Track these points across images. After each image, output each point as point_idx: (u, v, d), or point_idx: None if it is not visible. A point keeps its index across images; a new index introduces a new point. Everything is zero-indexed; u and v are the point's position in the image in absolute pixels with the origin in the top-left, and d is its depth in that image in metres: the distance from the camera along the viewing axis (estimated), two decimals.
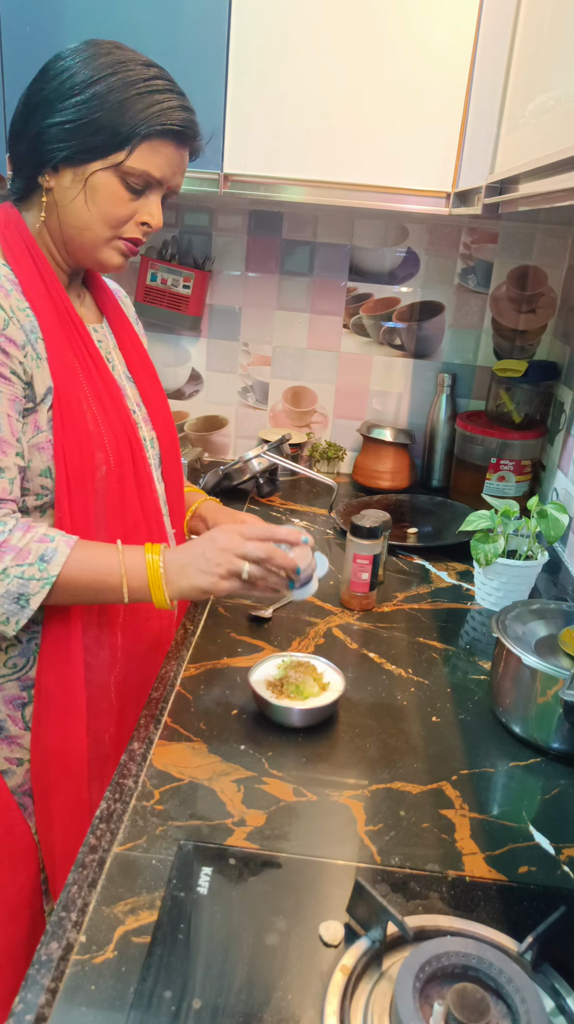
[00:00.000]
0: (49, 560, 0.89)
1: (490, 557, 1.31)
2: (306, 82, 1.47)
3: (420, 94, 1.45)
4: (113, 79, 0.90)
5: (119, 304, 1.16)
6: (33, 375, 0.92)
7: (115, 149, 0.92)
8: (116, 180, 0.93)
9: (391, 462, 1.95)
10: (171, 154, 0.96)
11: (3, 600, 0.88)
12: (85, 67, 0.91)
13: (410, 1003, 0.59)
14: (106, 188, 0.93)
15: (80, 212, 0.94)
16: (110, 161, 0.92)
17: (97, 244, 0.97)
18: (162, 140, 0.94)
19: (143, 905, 0.73)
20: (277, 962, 0.68)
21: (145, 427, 1.09)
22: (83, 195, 0.93)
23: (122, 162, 0.92)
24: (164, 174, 0.96)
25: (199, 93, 1.48)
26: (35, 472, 0.94)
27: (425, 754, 0.99)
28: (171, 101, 0.93)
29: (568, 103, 0.72)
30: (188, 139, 0.97)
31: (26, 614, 0.89)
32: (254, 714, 1.03)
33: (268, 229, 1.96)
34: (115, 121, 0.91)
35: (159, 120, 0.92)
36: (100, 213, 0.94)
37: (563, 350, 1.84)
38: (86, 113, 0.90)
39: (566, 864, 0.84)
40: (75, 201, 0.94)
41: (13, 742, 1.01)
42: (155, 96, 0.92)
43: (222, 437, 2.16)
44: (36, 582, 0.88)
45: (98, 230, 0.96)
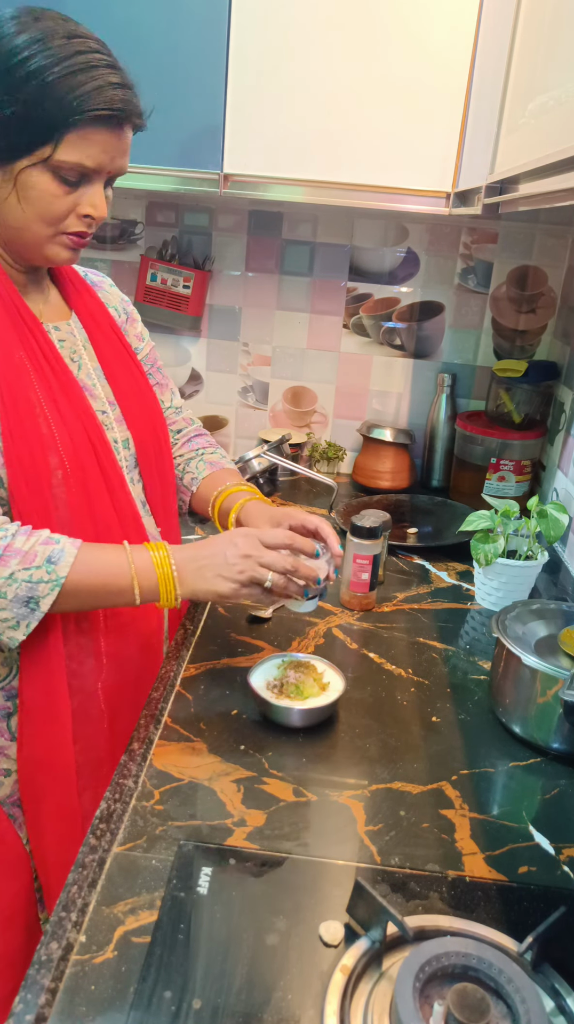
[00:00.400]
0: (56, 561, 0.87)
1: (490, 557, 1.31)
2: (306, 82, 1.47)
3: (420, 94, 1.45)
4: (31, 63, 0.80)
5: (95, 296, 1.09)
6: None
7: (38, 144, 0.83)
8: (47, 176, 0.85)
9: (391, 462, 1.95)
10: (105, 140, 0.86)
11: (12, 604, 0.85)
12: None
13: (410, 1003, 0.59)
14: (37, 186, 0.85)
15: (14, 212, 0.88)
16: (36, 157, 0.84)
17: (39, 242, 0.91)
18: (92, 127, 0.84)
19: (143, 905, 0.73)
20: (277, 962, 0.68)
21: (117, 428, 1.04)
22: (15, 194, 0.86)
23: (49, 157, 0.84)
24: (100, 162, 0.87)
25: (199, 93, 1.50)
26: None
27: (425, 754, 0.99)
28: (97, 80, 0.82)
29: (568, 103, 0.72)
30: (123, 120, 0.87)
31: (36, 617, 0.87)
32: (254, 714, 1.03)
33: (268, 229, 1.96)
34: (35, 114, 0.81)
35: (85, 106, 0.82)
36: (35, 212, 0.87)
37: (563, 350, 1.84)
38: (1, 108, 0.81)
39: (566, 864, 0.84)
40: (7, 201, 0.87)
41: (1, 753, 0.98)
42: (79, 77, 0.81)
43: (222, 437, 2.16)
44: (45, 584, 0.86)
45: (37, 229, 0.89)
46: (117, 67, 0.86)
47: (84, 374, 1.02)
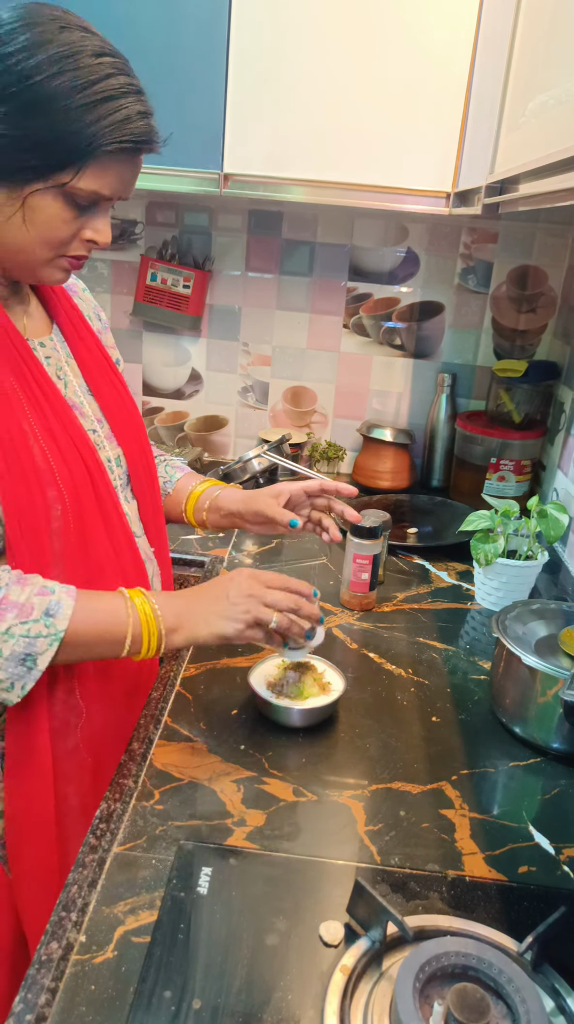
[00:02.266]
0: (54, 615, 0.80)
1: (490, 557, 1.31)
2: (306, 82, 1.47)
3: (420, 94, 1.45)
4: (56, 81, 0.74)
5: (73, 304, 1.03)
6: None
7: (58, 170, 0.77)
8: (59, 201, 0.80)
9: (391, 462, 1.95)
10: (123, 169, 0.82)
11: (8, 664, 0.78)
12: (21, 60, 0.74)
13: (410, 1003, 0.59)
14: (46, 210, 0.80)
15: (16, 233, 0.81)
16: (52, 182, 0.78)
17: (36, 265, 0.85)
18: (114, 158, 0.80)
19: (143, 905, 0.73)
20: (277, 962, 0.68)
21: (108, 446, 0.99)
22: (20, 215, 0.80)
23: (67, 184, 0.78)
24: (115, 190, 0.82)
25: (199, 93, 1.50)
26: None
27: (425, 754, 0.99)
28: (126, 109, 0.78)
29: (568, 103, 0.72)
30: (146, 150, 0.83)
31: (33, 676, 0.80)
32: (254, 714, 1.03)
33: (268, 229, 1.96)
34: (58, 139, 0.76)
35: (113, 137, 0.77)
36: (39, 235, 0.81)
37: (563, 350, 1.84)
38: (20, 128, 0.75)
39: (566, 864, 0.84)
40: (11, 221, 0.80)
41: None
42: (108, 105, 0.76)
43: (222, 437, 2.16)
44: (43, 639, 0.80)
45: (38, 252, 0.83)
46: (141, 92, 0.81)
47: (71, 392, 0.96)
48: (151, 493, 1.07)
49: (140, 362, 2.10)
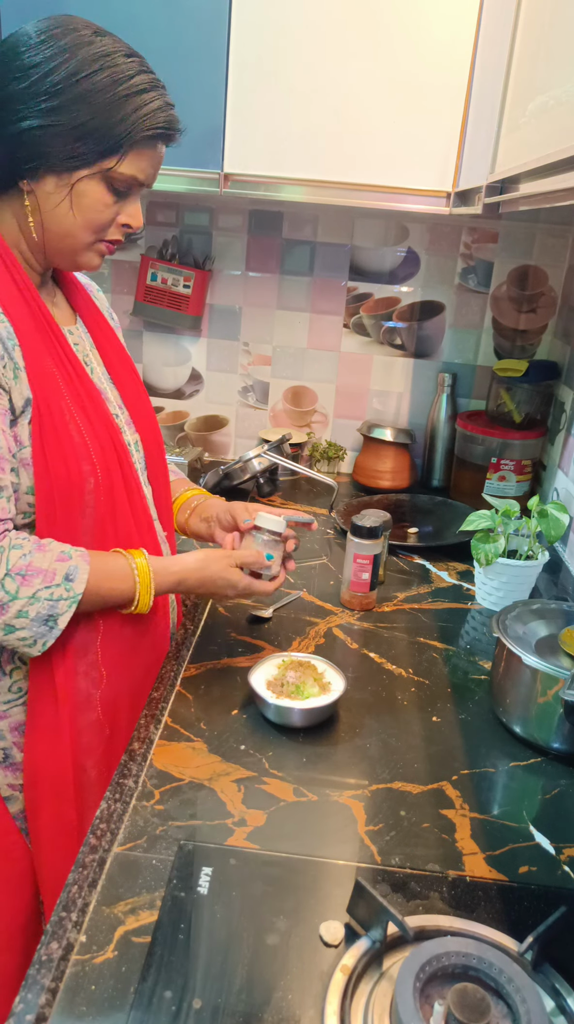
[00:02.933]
0: (73, 578, 0.89)
1: (490, 557, 1.31)
2: (306, 82, 1.47)
3: (421, 94, 1.45)
4: (99, 77, 0.84)
5: (92, 300, 1.10)
6: (11, 386, 0.87)
7: (104, 156, 0.87)
8: (102, 186, 0.89)
9: (391, 462, 1.95)
10: (154, 155, 0.92)
11: (33, 624, 0.87)
12: (66, 61, 0.83)
13: (410, 1003, 0.59)
14: (92, 194, 0.89)
15: (64, 219, 0.90)
16: (98, 168, 0.87)
17: (78, 249, 0.93)
18: (149, 144, 0.90)
19: (143, 905, 0.73)
20: (277, 962, 0.68)
21: (128, 431, 1.05)
22: (68, 201, 0.88)
23: (111, 168, 0.88)
24: (148, 175, 0.92)
25: (199, 93, 1.49)
26: (22, 490, 0.90)
27: (425, 754, 0.99)
28: (157, 100, 0.88)
29: (568, 103, 0.72)
30: (172, 137, 0.93)
31: (53, 635, 0.89)
32: (254, 714, 1.03)
33: (268, 229, 1.96)
34: (104, 126, 0.85)
35: (149, 124, 0.87)
36: (84, 219, 0.90)
37: (563, 350, 1.84)
38: (71, 117, 0.84)
39: (566, 864, 0.84)
40: (59, 208, 0.89)
41: (17, 768, 0.99)
42: (143, 96, 0.86)
43: (222, 437, 2.16)
44: (64, 602, 0.88)
45: (81, 236, 0.92)
46: (164, 87, 0.91)
47: (96, 378, 1.02)
48: (164, 480, 1.14)
49: (140, 362, 2.10)
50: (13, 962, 1.00)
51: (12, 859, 0.99)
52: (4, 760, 0.98)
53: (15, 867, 0.99)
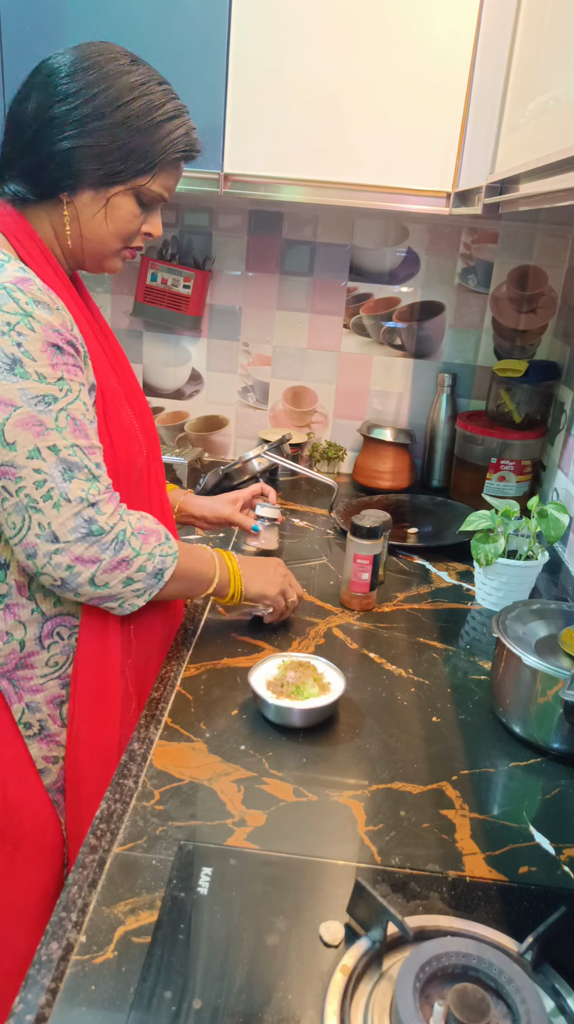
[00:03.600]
0: (169, 539, 1.00)
1: (490, 557, 1.31)
2: (306, 82, 1.47)
3: (420, 94, 1.45)
4: (137, 104, 0.93)
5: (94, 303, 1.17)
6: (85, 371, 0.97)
7: (140, 175, 0.96)
8: (132, 200, 0.98)
9: (391, 462, 1.95)
10: (178, 174, 1.02)
11: (147, 577, 0.97)
12: (108, 87, 0.92)
13: (410, 1003, 0.59)
14: (124, 207, 0.98)
15: (98, 229, 0.99)
16: (131, 184, 0.97)
17: (107, 254, 1.02)
18: (176, 164, 1.00)
19: (143, 905, 0.73)
20: (277, 962, 0.68)
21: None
22: (103, 213, 0.98)
23: (144, 185, 0.97)
24: (172, 191, 1.03)
25: (199, 93, 1.49)
26: None
27: (425, 754, 0.99)
28: (185, 125, 0.98)
29: (568, 103, 0.72)
30: (194, 158, 1.03)
31: (159, 587, 0.99)
32: (254, 714, 1.03)
33: (268, 229, 1.96)
34: (141, 147, 0.94)
35: (179, 146, 0.97)
36: (116, 229, 0.99)
37: (563, 350, 1.84)
38: (112, 139, 0.93)
39: (566, 864, 0.84)
40: (95, 218, 0.98)
41: (52, 740, 1.03)
42: (174, 122, 0.96)
43: (222, 437, 2.16)
44: (169, 557, 0.99)
45: (111, 244, 1.01)
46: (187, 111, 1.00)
47: None
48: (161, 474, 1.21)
49: (140, 362, 2.10)
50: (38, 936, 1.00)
51: (46, 832, 1.02)
52: (40, 732, 1.02)
53: (48, 839, 1.02)
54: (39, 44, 1.45)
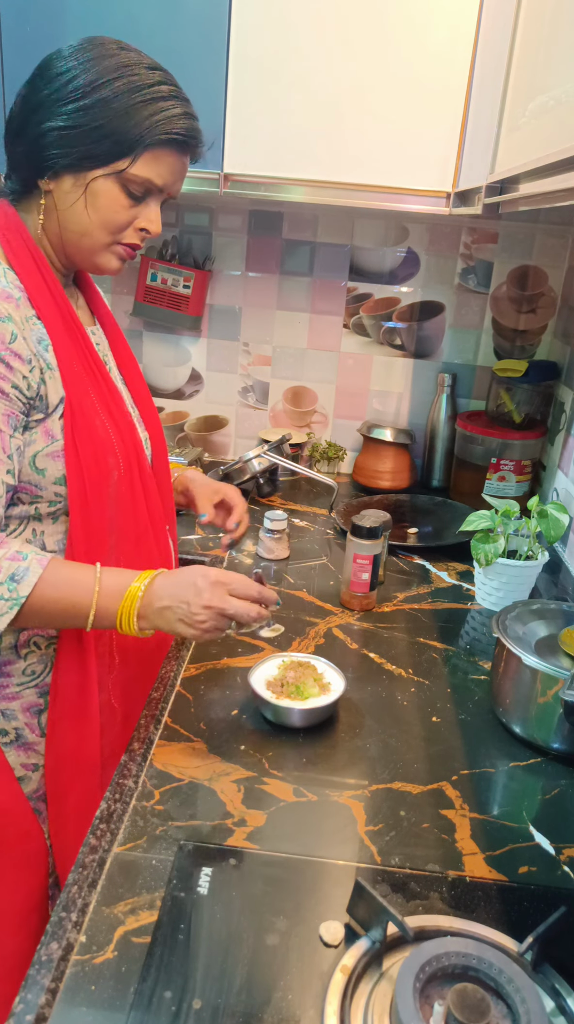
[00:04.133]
0: (19, 580, 0.84)
1: (490, 557, 1.31)
2: (306, 82, 1.47)
3: (420, 94, 1.45)
4: (118, 84, 0.89)
5: (105, 304, 1.15)
6: (45, 386, 0.91)
7: (118, 157, 0.90)
8: (117, 187, 0.92)
9: (391, 462, 1.95)
10: (173, 162, 0.95)
11: None
12: (88, 69, 0.88)
13: (410, 1003, 0.59)
14: (107, 195, 0.92)
15: (80, 217, 0.93)
16: (112, 168, 0.91)
17: (96, 249, 0.96)
18: (166, 149, 0.93)
19: (143, 905, 0.73)
20: (277, 962, 0.68)
21: (139, 428, 1.09)
22: (83, 200, 0.92)
23: (124, 170, 0.91)
24: (166, 182, 0.95)
25: (199, 93, 1.48)
26: (50, 480, 0.92)
27: (425, 754, 0.99)
28: (175, 108, 0.92)
29: (568, 103, 0.72)
30: (191, 147, 0.96)
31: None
32: (254, 714, 1.03)
33: (268, 229, 1.96)
34: (119, 129, 0.89)
35: (164, 129, 0.91)
36: (100, 219, 0.93)
37: (563, 350, 1.84)
38: (89, 119, 0.88)
39: (566, 864, 0.84)
40: (75, 206, 0.93)
41: (30, 748, 1.00)
42: (159, 103, 0.90)
43: (222, 437, 2.16)
44: (3, 602, 0.84)
45: (97, 236, 0.95)
46: (188, 100, 0.95)
47: (113, 377, 1.07)
48: (167, 475, 1.17)
49: (140, 362, 2.09)
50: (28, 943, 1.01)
51: (29, 837, 1.01)
52: (17, 740, 1.00)
53: (30, 846, 1.01)
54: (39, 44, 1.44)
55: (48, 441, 0.92)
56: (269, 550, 1.52)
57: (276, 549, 1.52)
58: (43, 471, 0.92)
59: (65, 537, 0.97)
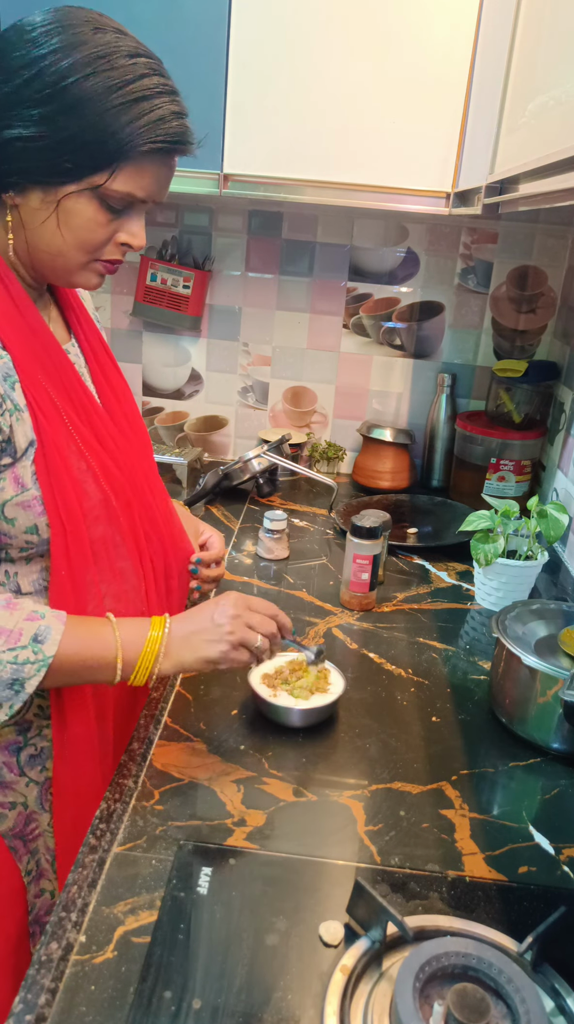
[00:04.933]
0: (43, 640, 0.80)
1: (490, 557, 1.31)
2: (306, 82, 1.47)
3: (420, 94, 1.45)
4: (91, 81, 0.74)
5: (88, 314, 1.04)
6: (12, 428, 0.81)
7: (93, 172, 0.77)
8: (94, 203, 0.79)
9: (391, 462, 1.95)
10: (158, 171, 0.81)
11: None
12: (55, 62, 0.73)
13: (410, 1003, 0.59)
14: (82, 213, 0.79)
15: (51, 237, 0.81)
16: (86, 184, 0.78)
17: (71, 269, 0.85)
18: (151, 159, 0.79)
19: (143, 905, 0.73)
20: (277, 962, 0.68)
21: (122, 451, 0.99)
22: (54, 219, 0.79)
23: (101, 185, 0.78)
24: (150, 192, 0.82)
25: (199, 93, 1.49)
26: (19, 529, 0.84)
27: (425, 754, 0.99)
28: (161, 109, 0.77)
29: (568, 103, 0.72)
30: (181, 151, 0.82)
31: (21, 699, 0.80)
32: (254, 714, 1.03)
33: (268, 229, 1.96)
34: (93, 140, 0.75)
35: (148, 137, 0.77)
36: (75, 239, 0.81)
37: (563, 350, 1.84)
38: (56, 128, 0.74)
39: (566, 864, 0.84)
40: (45, 225, 0.80)
41: (7, 787, 0.94)
42: (142, 105, 0.76)
43: (222, 437, 2.16)
44: (31, 665, 0.79)
45: (72, 256, 0.83)
46: (176, 92, 0.81)
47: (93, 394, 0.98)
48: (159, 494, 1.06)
49: (140, 362, 2.10)
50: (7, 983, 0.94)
51: (3, 878, 0.94)
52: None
53: (5, 885, 0.95)
54: None
55: (18, 490, 0.83)
56: (269, 550, 1.52)
57: (276, 549, 1.51)
58: (12, 520, 0.83)
59: (40, 577, 0.89)
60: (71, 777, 0.93)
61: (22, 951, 0.98)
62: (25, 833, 0.97)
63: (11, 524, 0.84)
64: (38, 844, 0.98)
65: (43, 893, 1.00)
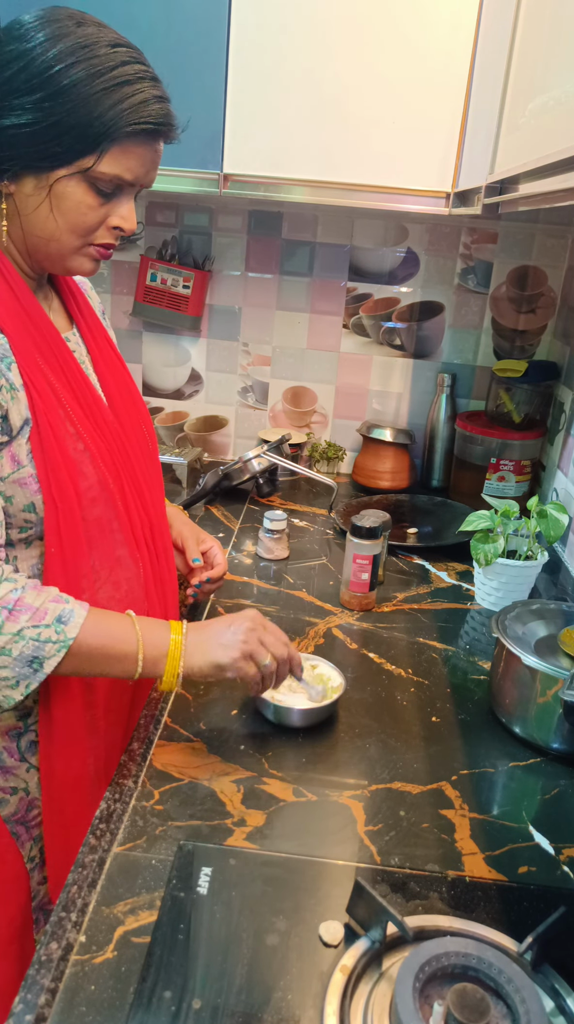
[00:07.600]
0: (66, 622, 0.83)
1: (490, 557, 1.31)
2: (306, 82, 1.47)
3: (420, 94, 1.45)
4: (75, 69, 0.79)
5: (88, 304, 1.06)
6: (8, 407, 0.84)
7: (81, 155, 0.82)
8: (84, 186, 0.84)
9: (391, 462, 1.95)
10: (143, 153, 0.85)
11: (15, 663, 0.80)
12: (42, 53, 0.79)
13: (410, 1003, 0.59)
14: (72, 196, 0.84)
15: (45, 222, 0.85)
16: (76, 167, 0.82)
17: (65, 254, 0.88)
18: (135, 140, 0.83)
19: (143, 905, 0.73)
20: (277, 962, 0.68)
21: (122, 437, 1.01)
22: (47, 203, 0.84)
23: (91, 168, 0.82)
24: (137, 175, 0.86)
25: (199, 93, 1.50)
26: (17, 507, 0.87)
27: (425, 754, 0.99)
28: (143, 93, 0.82)
29: (568, 103, 0.72)
30: (164, 134, 0.87)
31: (38, 678, 0.82)
32: (254, 714, 1.03)
33: (268, 229, 1.96)
34: (80, 124, 0.80)
35: (130, 119, 0.81)
36: (67, 223, 0.85)
37: (563, 350, 1.84)
38: (45, 114, 0.79)
39: (566, 864, 0.84)
40: (39, 210, 0.85)
41: (8, 772, 0.96)
42: (125, 89, 0.81)
43: (222, 437, 2.16)
44: (52, 644, 0.82)
45: (66, 240, 0.87)
46: (157, 79, 0.86)
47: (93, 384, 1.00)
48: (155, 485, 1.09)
49: (140, 362, 2.10)
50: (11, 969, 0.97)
51: (5, 863, 0.97)
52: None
53: (8, 871, 0.97)
54: None
55: (14, 467, 0.86)
56: (268, 550, 1.52)
57: (276, 549, 1.51)
58: (10, 498, 0.86)
59: (39, 562, 0.91)
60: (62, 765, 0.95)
61: (26, 937, 1.00)
62: (27, 819, 0.99)
63: (9, 502, 0.86)
64: (41, 831, 1.00)
65: (46, 880, 1.01)
